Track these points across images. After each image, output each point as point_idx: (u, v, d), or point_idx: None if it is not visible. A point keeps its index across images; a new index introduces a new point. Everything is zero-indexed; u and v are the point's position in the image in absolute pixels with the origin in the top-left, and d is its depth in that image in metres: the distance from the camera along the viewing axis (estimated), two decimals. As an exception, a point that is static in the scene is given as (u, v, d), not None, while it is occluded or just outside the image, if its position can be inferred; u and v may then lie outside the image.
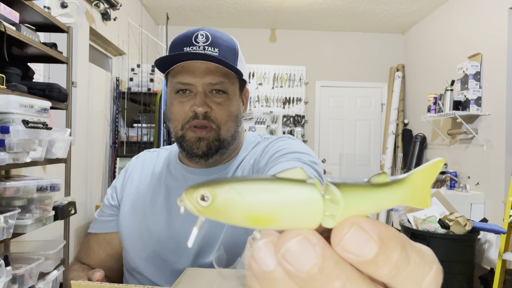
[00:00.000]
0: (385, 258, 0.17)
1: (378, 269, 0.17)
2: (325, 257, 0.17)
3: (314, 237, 0.18)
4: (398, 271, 0.17)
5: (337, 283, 0.17)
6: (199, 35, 0.85)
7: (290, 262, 0.17)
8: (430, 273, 0.18)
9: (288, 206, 0.18)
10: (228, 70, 0.85)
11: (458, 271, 2.58)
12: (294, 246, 0.17)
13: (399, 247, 0.17)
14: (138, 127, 4.09)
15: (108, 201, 0.99)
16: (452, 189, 3.89)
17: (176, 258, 0.88)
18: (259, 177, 0.19)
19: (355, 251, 0.17)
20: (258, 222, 0.18)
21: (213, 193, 0.19)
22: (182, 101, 0.86)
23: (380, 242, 0.17)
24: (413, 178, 0.20)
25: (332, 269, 0.17)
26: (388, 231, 0.18)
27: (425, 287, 0.18)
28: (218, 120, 0.86)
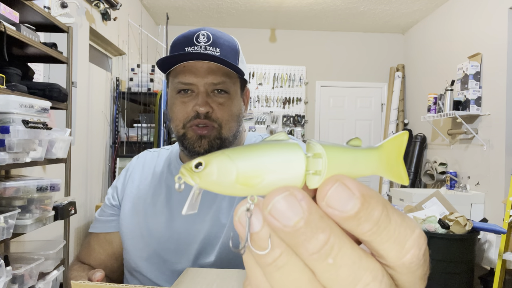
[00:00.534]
0: (366, 214, 0.18)
1: (360, 225, 0.18)
2: (311, 211, 0.18)
3: (299, 192, 0.18)
4: (379, 228, 0.18)
5: (322, 235, 0.18)
6: (201, 35, 0.85)
7: (277, 217, 0.18)
8: (412, 235, 0.19)
9: (274, 164, 0.19)
10: (229, 70, 0.85)
11: (458, 271, 2.58)
12: (280, 202, 0.18)
13: (380, 206, 0.18)
14: (138, 127, 4.09)
15: (109, 201, 0.99)
16: (452, 189, 3.89)
17: (176, 258, 0.88)
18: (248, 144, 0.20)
19: (338, 207, 0.18)
20: (248, 186, 0.19)
21: (206, 160, 0.20)
22: (184, 101, 0.86)
23: (362, 199, 0.18)
24: (384, 146, 0.22)
25: (317, 222, 0.18)
26: (370, 190, 0.18)
27: (407, 249, 0.18)
28: (220, 120, 0.86)
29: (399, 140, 0.22)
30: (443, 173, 4.17)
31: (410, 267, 0.19)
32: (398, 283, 0.19)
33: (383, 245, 0.18)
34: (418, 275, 0.19)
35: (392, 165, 0.22)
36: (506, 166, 3.29)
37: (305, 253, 0.18)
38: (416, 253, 0.19)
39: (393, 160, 0.22)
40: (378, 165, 0.21)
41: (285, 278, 0.19)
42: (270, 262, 0.19)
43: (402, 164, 0.22)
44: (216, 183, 0.20)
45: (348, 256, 0.18)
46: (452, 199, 3.15)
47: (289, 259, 0.18)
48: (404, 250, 0.18)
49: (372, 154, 0.21)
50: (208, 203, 0.89)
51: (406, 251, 0.18)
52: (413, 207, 2.99)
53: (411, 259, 0.19)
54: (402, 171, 0.22)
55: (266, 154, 0.19)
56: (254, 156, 0.19)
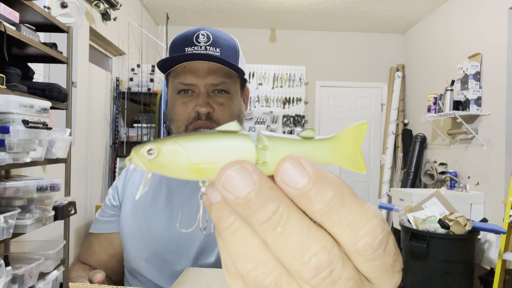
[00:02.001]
0: (317, 194, 0.18)
1: (311, 203, 0.19)
2: (261, 183, 0.19)
3: (250, 165, 0.19)
4: (331, 210, 0.18)
5: (271, 205, 0.18)
6: (200, 35, 0.85)
7: (229, 189, 0.19)
8: (368, 224, 0.19)
9: (225, 153, 0.20)
10: (230, 70, 0.85)
11: (458, 271, 2.58)
12: (232, 174, 0.19)
13: (334, 188, 0.19)
14: (138, 127, 4.09)
15: (109, 201, 0.99)
16: (452, 189, 3.89)
17: (177, 259, 0.87)
18: (201, 132, 0.21)
19: (290, 182, 0.19)
20: (199, 172, 0.20)
21: (158, 146, 0.20)
22: (185, 102, 0.86)
23: (314, 178, 0.19)
24: (339, 136, 0.22)
25: (267, 193, 0.18)
26: (326, 172, 0.19)
27: (360, 236, 0.19)
28: (221, 121, 0.86)
29: (357, 129, 0.22)
30: (443, 173, 4.17)
31: (365, 255, 0.19)
32: (359, 268, 0.20)
33: (335, 228, 0.19)
34: (378, 265, 0.19)
35: (348, 154, 0.22)
36: (506, 166, 3.29)
37: (256, 222, 0.18)
38: (370, 242, 0.19)
39: (350, 149, 0.22)
40: (330, 155, 0.22)
41: (238, 242, 0.19)
42: (226, 227, 0.19)
43: (360, 153, 0.23)
44: (168, 169, 0.20)
45: (296, 225, 0.18)
46: (452, 199, 3.15)
47: (242, 225, 0.19)
48: (357, 237, 0.19)
49: (322, 145, 0.22)
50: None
51: (359, 238, 0.19)
52: (413, 207, 2.99)
53: (364, 247, 0.19)
54: (360, 160, 0.23)
55: (217, 143, 0.20)
56: (206, 145, 0.20)
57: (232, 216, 0.19)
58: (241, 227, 0.19)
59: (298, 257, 0.18)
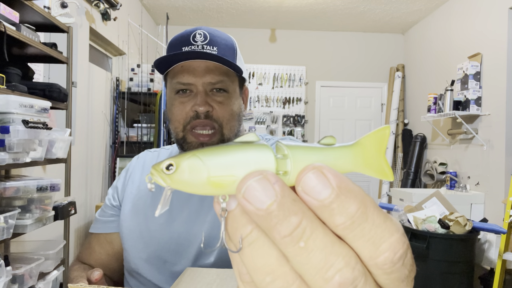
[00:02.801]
0: (340, 207, 0.18)
1: (333, 216, 0.18)
2: (284, 194, 0.18)
3: (273, 176, 0.18)
4: (353, 224, 0.18)
5: (294, 218, 0.18)
6: (197, 34, 0.85)
7: (250, 200, 0.18)
8: (389, 239, 0.18)
9: (244, 165, 0.20)
10: (227, 68, 0.85)
11: (458, 271, 2.58)
12: (254, 184, 0.18)
13: (358, 202, 0.18)
14: (138, 127, 4.09)
15: (109, 201, 0.99)
16: (452, 189, 3.89)
17: (176, 259, 0.87)
18: (219, 145, 0.20)
19: (312, 193, 0.18)
20: (219, 186, 0.20)
21: (177, 161, 0.20)
22: (183, 101, 0.85)
23: (338, 190, 0.18)
24: (361, 142, 0.21)
25: (289, 206, 0.18)
26: (350, 184, 0.18)
27: (381, 251, 0.18)
28: (220, 119, 0.85)
29: (379, 134, 0.22)
30: (443, 173, 4.17)
31: (384, 268, 0.18)
32: (376, 279, 0.19)
33: (356, 242, 0.18)
34: (395, 277, 0.19)
35: (372, 161, 0.21)
36: (506, 166, 3.29)
37: (277, 235, 0.18)
38: (391, 257, 0.18)
39: (373, 155, 0.21)
40: (353, 163, 0.21)
41: (255, 254, 0.19)
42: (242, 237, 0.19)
43: (384, 159, 0.22)
44: (187, 184, 0.20)
45: (320, 240, 0.18)
46: (452, 199, 3.15)
47: (259, 236, 0.19)
48: (378, 251, 0.18)
49: (344, 152, 0.21)
50: (208, 205, 0.89)
51: (379, 253, 0.18)
52: (413, 207, 2.99)
53: (384, 261, 0.18)
54: (385, 167, 0.22)
55: (236, 156, 0.20)
56: (225, 158, 0.20)
57: (249, 226, 0.19)
58: (258, 239, 0.19)
59: (321, 273, 0.18)
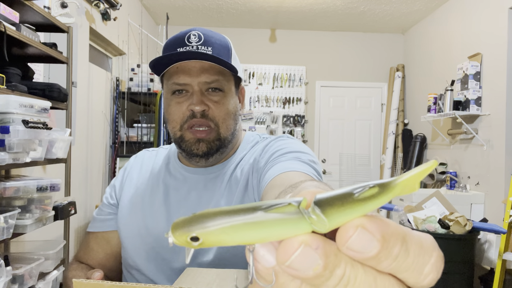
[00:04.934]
0: (386, 254, 0.18)
1: (379, 263, 0.18)
2: (327, 255, 0.18)
3: (314, 241, 0.19)
4: (398, 263, 0.18)
5: (339, 271, 0.18)
6: (192, 35, 0.85)
7: (296, 269, 0.18)
8: (430, 261, 0.19)
9: (277, 237, 0.19)
10: (223, 68, 0.85)
11: (458, 271, 2.58)
12: (298, 257, 0.18)
13: (400, 242, 0.18)
14: (138, 127, 4.09)
15: (107, 200, 0.99)
16: (452, 189, 3.89)
17: (174, 257, 0.88)
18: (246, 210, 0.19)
19: (359, 250, 0.18)
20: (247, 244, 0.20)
21: (202, 236, 0.19)
22: (179, 102, 0.86)
23: (383, 240, 0.18)
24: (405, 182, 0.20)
25: (333, 262, 0.18)
26: (389, 228, 0.19)
27: (426, 274, 0.19)
28: (216, 119, 0.86)
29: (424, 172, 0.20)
30: (443, 173, 4.18)
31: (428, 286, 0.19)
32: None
33: (402, 275, 0.19)
34: None
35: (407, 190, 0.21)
36: (506, 166, 3.29)
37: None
38: (435, 276, 0.19)
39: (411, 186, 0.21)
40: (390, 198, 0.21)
41: None
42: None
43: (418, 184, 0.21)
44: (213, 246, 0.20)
45: (363, 281, 0.18)
46: (452, 199, 3.15)
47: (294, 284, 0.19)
48: (422, 276, 0.19)
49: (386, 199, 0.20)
50: (206, 201, 0.90)
51: (424, 277, 0.19)
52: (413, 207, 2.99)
53: (430, 282, 0.19)
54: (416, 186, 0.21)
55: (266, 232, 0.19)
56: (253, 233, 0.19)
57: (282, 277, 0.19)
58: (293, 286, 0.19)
59: None
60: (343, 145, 5.53)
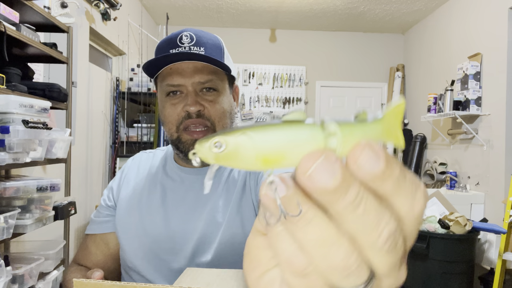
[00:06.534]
0: (389, 173, 0.20)
1: (384, 183, 0.20)
2: (343, 171, 0.20)
3: (332, 156, 0.20)
4: (399, 184, 0.20)
5: (353, 190, 0.20)
6: (184, 36, 0.85)
7: (316, 180, 0.19)
8: (419, 188, 0.21)
9: (293, 143, 0.20)
10: (216, 67, 0.85)
11: (458, 271, 2.58)
12: (320, 166, 0.19)
13: (399, 165, 0.21)
14: (138, 127, 4.09)
15: (104, 201, 0.99)
16: (452, 189, 3.89)
17: (172, 257, 0.88)
18: (267, 122, 0.21)
19: (368, 167, 0.20)
20: (268, 162, 0.21)
21: (226, 140, 0.20)
22: (174, 103, 0.86)
23: (386, 160, 0.20)
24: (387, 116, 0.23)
25: (349, 180, 0.20)
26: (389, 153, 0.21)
27: (417, 200, 0.21)
28: (212, 118, 0.86)
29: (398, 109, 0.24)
30: (443, 173, 4.17)
31: (418, 217, 0.21)
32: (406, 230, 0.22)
33: (399, 199, 0.21)
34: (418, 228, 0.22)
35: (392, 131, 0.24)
36: (506, 166, 3.29)
37: (340, 206, 0.19)
38: (423, 203, 0.21)
39: (393, 127, 0.24)
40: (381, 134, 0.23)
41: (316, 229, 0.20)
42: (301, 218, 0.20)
43: (400, 129, 0.24)
44: (235, 161, 0.21)
45: (372, 203, 0.20)
46: (452, 199, 3.15)
47: (316, 212, 0.20)
48: (414, 202, 0.21)
49: (378, 126, 0.23)
50: (203, 202, 0.90)
51: (416, 203, 0.21)
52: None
53: (420, 209, 0.21)
54: (400, 135, 0.24)
55: (285, 133, 0.20)
56: (274, 136, 0.20)
57: (305, 205, 0.20)
58: (316, 215, 0.20)
59: (374, 231, 0.20)
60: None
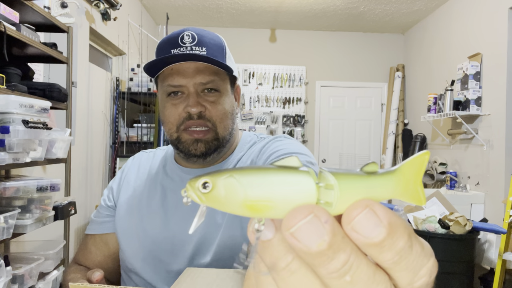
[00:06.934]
0: (391, 244, 0.18)
1: (382, 253, 0.18)
2: (334, 233, 0.18)
3: (323, 214, 0.18)
4: (400, 258, 0.18)
5: (343, 256, 0.18)
6: (185, 36, 0.84)
7: (300, 239, 0.18)
8: (427, 264, 0.19)
9: (282, 192, 0.19)
10: (218, 68, 0.84)
11: (458, 271, 2.58)
12: (305, 225, 0.18)
13: (406, 236, 0.18)
14: (138, 127, 4.09)
15: (104, 202, 0.99)
16: (452, 189, 3.89)
17: (172, 259, 0.87)
18: (257, 166, 0.20)
19: (364, 233, 0.18)
20: (255, 210, 0.19)
21: (214, 180, 0.20)
22: (175, 104, 0.85)
23: (389, 228, 0.18)
24: (403, 169, 0.21)
25: (339, 244, 0.18)
26: (397, 218, 0.18)
27: (420, 276, 0.19)
28: (213, 119, 0.85)
29: (419, 160, 0.21)
30: (443, 173, 4.17)
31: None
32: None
33: (399, 273, 0.19)
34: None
35: (410, 186, 0.21)
36: (506, 166, 3.29)
37: (324, 271, 0.18)
38: (427, 280, 0.19)
39: (411, 181, 0.21)
40: (395, 189, 0.21)
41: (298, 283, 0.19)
42: (284, 267, 0.19)
43: (421, 184, 0.22)
44: (223, 204, 0.20)
45: (364, 272, 0.18)
46: (452, 199, 3.15)
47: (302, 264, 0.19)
48: (416, 277, 0.19)
49: (389, 180, 0.20)
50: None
51: (418, 279, 0.19)
52: (413, 207, 2.99)
53: (421, 285, 0.19)
54: (420, 192, 0.22)
55: (275, 179, 0.19)
56: (263, 182, 0.19)
57: (290, 255, 0.19)
58: (300, 267, 0.18)
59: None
60: (343, 145, 5.53)
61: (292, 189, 0.19)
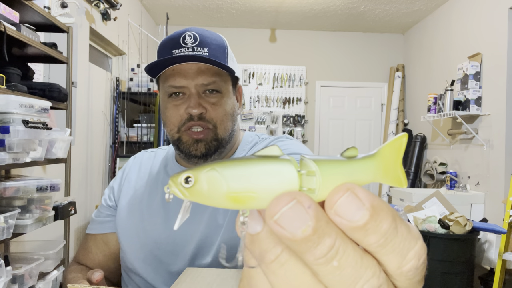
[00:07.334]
0: (375, 226, 0.18)
1: (367, 236, 0.18)
2: (318, 219, 0.18)
3: (306, 200, 0.18)
4: (386, 240, 0.18)
5: (328, 240, 0.18)
6: (187, 36, 0.84)
7: (284, 226, 0.18)
8: (414, 247, 0.19)
9: (265, 182, 0.19)
10: (219, 68, 0.84)
11: (458, 271, 2.58)
12: (288, 211, 0.18)
13: (390, 218, 0.18)
14: (138, 127, 4.09)
15: (105, 201, 0.99)
16: (452, 189, 3.88)
17: (172, 259, 0.87)
18: (239, 158, 0.20)
19: (347, 216, 0.18)
20: (239, 201, 0.19)
21: (195, 174, 0.19)
22: (176, 104, 0.85)
23: (372, 210, 0.18)
24: (382, 152, 0.21)
25: (324, 228, 0.18)
26: (380, 201, 0.18)
27: (408, 260, 0.19)
28: (214, 120, 0.85)
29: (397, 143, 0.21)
30: (443, 173, 4.17)
31: (408, 275, 0.19)
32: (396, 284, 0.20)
33: (386, 256, 0.19)
34: (415, 281, 0.20)
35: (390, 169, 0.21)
36: (506, 166, 3.29)
37: (311, 258, 0.18)
38: (415, 263, 0.19)
39: (391, 164, 0.21)
40: (375, 173, 0.21)
41: (288, 274, 0.19)
42: (273, 259, 0.19)
43: (401, 167, 0.22)
44: (206, 197, 0.20)
45: (351, 257, 0.18)
46: (452, 199, 3.15)
47: (291, 256, 0.19)
48: (404, 261, 0.19)
49: (369, 164, 0.20)
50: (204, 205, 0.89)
51: (406, 262, 0.19)
52: (413, 207, 2.99)
53: (410, 269, 0.19)
54: (401, 174, 0.22)
55: (257, 170, 0.19)
56: (245, 172, 0.19)
57: (279, 247, 0.19)
58: (290, 259, 0.18)
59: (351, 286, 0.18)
60: (343, 145, 5.53)
61: (274, 178, 0.19)
